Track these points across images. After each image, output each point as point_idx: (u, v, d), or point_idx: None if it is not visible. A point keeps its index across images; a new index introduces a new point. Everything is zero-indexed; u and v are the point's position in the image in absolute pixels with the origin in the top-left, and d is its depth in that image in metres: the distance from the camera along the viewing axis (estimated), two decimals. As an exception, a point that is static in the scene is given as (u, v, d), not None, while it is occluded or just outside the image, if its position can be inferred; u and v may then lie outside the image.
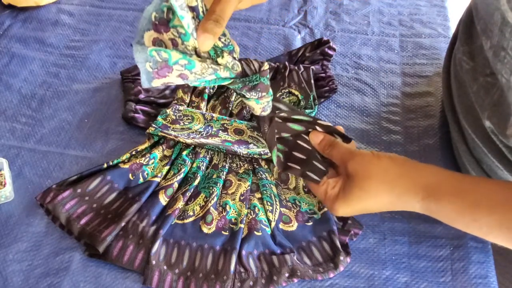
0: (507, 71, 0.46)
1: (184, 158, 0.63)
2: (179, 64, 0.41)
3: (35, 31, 0.83)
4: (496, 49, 0.48)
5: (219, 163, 0.64)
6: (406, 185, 0.46)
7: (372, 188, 0.47)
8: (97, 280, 0.55)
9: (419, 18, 0.86)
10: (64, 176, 0.63)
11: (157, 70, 0.41)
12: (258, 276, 0.54)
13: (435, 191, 0.45)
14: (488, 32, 0.49)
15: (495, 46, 0.48)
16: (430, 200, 0.45)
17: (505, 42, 0.46)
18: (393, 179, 0.47)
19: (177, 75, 0.42)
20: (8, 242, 0.57)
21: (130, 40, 0.82)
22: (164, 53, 0.40)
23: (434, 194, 0.44)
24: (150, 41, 0.41)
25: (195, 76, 0.42)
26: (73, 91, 0.74)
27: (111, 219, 0.57)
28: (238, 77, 0.46)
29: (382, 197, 0.47)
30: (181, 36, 0.40)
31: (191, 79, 0.43)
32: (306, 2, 0.89)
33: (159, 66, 0.41)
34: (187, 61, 0.41)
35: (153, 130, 0.63)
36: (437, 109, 0.72)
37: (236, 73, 0.45)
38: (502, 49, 0.46)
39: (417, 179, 0.46)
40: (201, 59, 0.42)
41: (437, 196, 0.44)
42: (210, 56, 0.43)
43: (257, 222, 0.58)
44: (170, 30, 0.40)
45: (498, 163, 0.54)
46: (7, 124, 0.70)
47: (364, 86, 0.75)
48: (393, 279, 0.55)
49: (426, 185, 0.45)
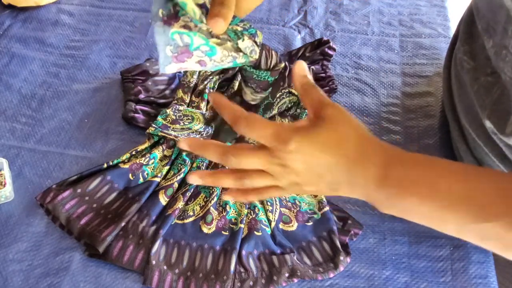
0: (509, 69, 0.46)
1: (184, 158, 0.63)
2: (200, 50, 0.40)
3: (35, 31, 0.83)
4: (498, 48, 0.48)
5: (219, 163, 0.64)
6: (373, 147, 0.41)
7: (344, 133, 0.41)
8: (97, 280, 0.55)
9: (419, 18, 0.86)
10: (64, 176, 0.63)
11: (177, 55, 0.40)
12: (258, 276, 0.54)
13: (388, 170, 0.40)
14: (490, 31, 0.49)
15: (497, 44, 0.48)
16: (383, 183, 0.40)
17: (507, 40, 0.46)
18: (367, 134, 0.42)
19: (196, 61, 0.41)
20: (8, 242, 0.57)
21: (130, 40, 0.82)
22: (186, 37, 0.39)
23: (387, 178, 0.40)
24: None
25: (214, 63, 0.41)
26: (73, 91, 0.74)
27: (111, 219, 0.57)
28: (251, 65, 0.45)
29: (349, 145, 0.40)
30: (193, 20, 0.39)
31: (209, 66, 0.42)
32: (306, 2, 0.89)
33: (180, 50, 0.40)
34: (209, 48, 0.40)
35: (153, 130, 0.63)
36: (437, 109, 0.72)
37: (252, 60, 0.44)
38: (504, 47, 0.46)
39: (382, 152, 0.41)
40: (222, 46, 0.41)
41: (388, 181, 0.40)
42: (231, 38, 0.42)
43: (257, 222, 0.58)
44: (180, 19, 0.39)
45: (499, 163, 0.54)
46: (7, 124, 0.70)
47: (364, 86, 0.75)
48: (393, 279, 0.55)
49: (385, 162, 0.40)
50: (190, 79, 0.72)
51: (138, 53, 0.80)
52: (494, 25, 0.48)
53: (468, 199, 0.38)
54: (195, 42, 0.39)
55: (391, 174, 0.40)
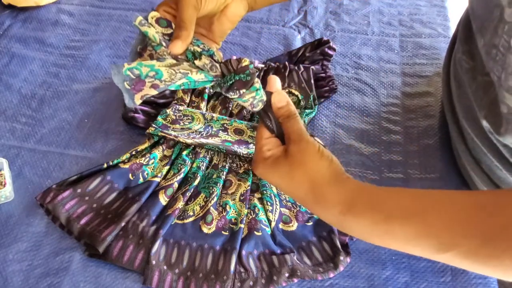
0: (498, 68, 0.46)
1: (184, 158, 0.63)
2: (149, 76, 0.45)
3: (35, 31, 0.83)
4: (488, 47, 0.48)
5: (219, 163, 0.64)
6: (328, 194, 0.44)
7: (298, 177, 0.45)
8: (97, 280, 0.55)
9: (419, 18, 0.86)
10: (64, 176, 0.63)
11: (134, 86, 0.46)
12: (258, 276, 0.54)
13: (351, 206, 0.42)
14: (482, 30, 0.49)
15: (487, 44, 0.48)
16: (346, 216, 0.42)
17: (497, 39, 0.46)
18: (320, 183, 0.45)
19: (149, 86, 0.46)
20: (8, 242, 0.57)
21: (130, 40, 0.82)
22: (135, 70, 0.45)
23: (351, 209, 0.42)
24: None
25: (165, 83, 0.46)
26: (73, 91, 0.74)
27: (111, 219, 0.57)
28: (218, 79, 0.48)
29: (300, 189, 0.45)
30: (154, 47, 0.47)
31: (162, 86, 0.46)
32: (306, 2, 0.89)
33: (134, 82, 0.45)
34: (155, 72, 0.46)
35: (153, 130, 0.63)
36: (437, 109, 0.72)
37: (215, 75, 0.47)
38: (493, 46, 0.46)
39: (341, 193, 0.43)
40: (168, 67, 0.46)
41: (353, 211, 0.42)
42: (188, 59, 0.48)
43: (257, 222, 0.58)
44: (147, 48, 0.47)
45: (497, 162, 0.54)
46: (7, 124, 0.70)
47: (364, 86, 0.75)
48: (393, 279, 0.55)
49: (346, 201, 0.43)
50: (190, 79, 0.72)
51: (138, 53, 0.80)
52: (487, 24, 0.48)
53: (426, 233, 0.39)
54: (143, 71, 0.45)
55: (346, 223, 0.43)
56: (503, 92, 0.46)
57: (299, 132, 0.46)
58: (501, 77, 0.46)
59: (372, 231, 0.42)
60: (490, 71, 0.48)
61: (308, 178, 0.45)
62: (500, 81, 0.46)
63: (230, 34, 0.83)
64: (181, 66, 0.47)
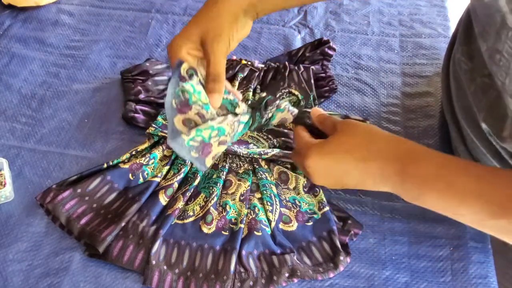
0: (502, 73, 0.46)
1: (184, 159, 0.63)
2: (213, 137, 0.48)
3: (35, 31, 0.83)
4: (492, 52, 0.48)
5: (219, 163, 0.64)
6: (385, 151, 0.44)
7: (353, 140, 0.46)
8: (97, 280, 0.55)
9: (419, 18, 0.86)
10: (64, 176, 0.63)
11: (201, 152, 0.48)
12: (258, 276, 0.54)
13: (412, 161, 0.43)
14: (484, 35, 0.49)
15: (490, 48, 0.48)
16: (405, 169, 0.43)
17: (501, 45, 0.46)
18: (374, 139, 0.46)
19: (217, 145, 0.48)
20: (8, 242, 0.57)
21: (130, 40, 0.82)
22: (197, 137, 0.47)
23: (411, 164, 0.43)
24: (181, 123, 0.47)
25: (230, 135, 0.50)
26: (73, 91, 0.74)
27: (111, 219, 0.57)
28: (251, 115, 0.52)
29: (354, 152, 0.45)
30: (204, 107, 0.47)
31: (229, 140, 0.50)
32: (306, 2, 0.89)
33: (201, 148, 0.47)
34: (217, 130, 0.48)
35: (153, 130, 0.63)
36: (437, 109, 0.72)
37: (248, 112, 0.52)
38: (497, 52, 0.46)
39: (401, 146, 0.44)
40: (224, 119, 0.49)
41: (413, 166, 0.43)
42: (229, 111, 0.50)
43: (257, 222, 0.58)
44: (192, 107, 0.47)
45: (497, 163, 0.54)
46: (7, 124, 0.70)
47: (364, 86, 0.75)
48: (393, 279, 0.55)
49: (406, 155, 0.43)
50: (190, 79, 0.72)
51: (138, 53, 0.80)
52: (489, 29, 0.48)
53: (482, 197, 0.40)
54: (205, 135, 0.47)
55: (409, 170, 0.43)
56: (508, 97, 0.46)
57: (343, 121, 0.49)
58: (505, 82, 0.46)
59: (432, 182, 0.42)
60: (494, 75, 0.48)
61: (363, 134, 0.46)
62: (504, 86, 0.46)
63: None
64: (230, 117, 0.50)
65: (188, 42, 0.51)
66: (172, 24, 0.85)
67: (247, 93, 0.69)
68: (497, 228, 0.40)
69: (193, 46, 0.51)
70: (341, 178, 0.46)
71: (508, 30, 0.44)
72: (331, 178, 0.47)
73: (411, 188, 0.43)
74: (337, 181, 0.47)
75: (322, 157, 0.46)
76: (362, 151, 0.45)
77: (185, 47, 0.51)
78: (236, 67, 0.73)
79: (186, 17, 0.86)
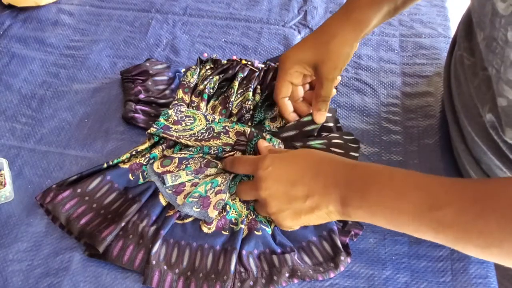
0: (498, 61, 0.46)
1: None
2: (208, 190, 0.57)
3: (35, 31, 0.83)
4: (488, 40, 0.48)
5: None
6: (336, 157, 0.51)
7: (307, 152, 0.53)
8: (97, 280, 0.55)
9: (419, 18, 0.86)
10: (64, 176, 0.63)
11: (202, 205, 0.56)
12: (258, 276, 0.54)
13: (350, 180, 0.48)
14: (481, 24, 0.50)
15: (487, 37, 0.48)
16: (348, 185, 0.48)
17: (496, 32, 0.46)
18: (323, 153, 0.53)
19: (214, 195, 0.57)
20: (8, 242, 0.57)
21: (130, 40, 0.82)
22: (195, 194, 0.56)
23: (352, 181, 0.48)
24: (182, 199, 0.58)
25: (224, 184, 0.58)
26: (73, 91, 0.74)
27: (111, 219, 0.57)
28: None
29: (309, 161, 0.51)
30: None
31: (224, 188, 0.58)
32: (306, 2, 0.89)
33: (201, 202, 0.56)
34: (211, 183, 0.57)
35: (155, 131, 0.63)
36: (437, 109, 0.72)
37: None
38: (493, 39, 0.47)
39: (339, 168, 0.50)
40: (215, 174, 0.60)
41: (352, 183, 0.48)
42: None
43: (257, 222, 0.58)
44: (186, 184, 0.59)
45: (497, 161, 0.54)
46: (7, 124, 0.70)
47: (364, 86, 0.75)
48: (393, 279, 0.55)
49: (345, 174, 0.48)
50: (190, 79, 0.72)
51: (138, 53, 0.80)
52: (484, 18, 0.48)
53: (422, 188, 0.43)
54: (201, 190, 0.57)
55: (354, 172, 0.48)
56: (503, 85, 0.46)
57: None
58: (500, 70, 0.46)
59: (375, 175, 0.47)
60: (489, 64, 0.48)
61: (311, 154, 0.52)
62: (499, 74, 0.46)
63: (230, 34, 0.83)
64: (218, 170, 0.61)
65: (301, 62, 0.60)
66: (172, 24, 0.85)
67: (247, 93, 0.69)
68: (434, 223, 0.41)
69: (304, 66, 0.60)
70: (294, 181, 0.50)
71: (500, 17, 0.44)
72: (283, 183, 0.50)
73: (356, 188, 0.47)
74: (288, 187, 0.50)
75: (281, 158, 0.52)
76: (311, 164, 0.51)
77: (298, 64, 0.60)
78: (236, 67, 0.73)
79: (186, 17, 0.86)
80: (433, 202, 0.41)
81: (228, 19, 0.86)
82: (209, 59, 0.75)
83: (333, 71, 0.58)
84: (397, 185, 0.45)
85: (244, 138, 0.61)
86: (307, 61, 0.59)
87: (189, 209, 0.55)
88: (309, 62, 0.59)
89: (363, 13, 0.59)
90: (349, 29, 0.59)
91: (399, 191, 0.44)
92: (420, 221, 0.43)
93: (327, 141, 0.64)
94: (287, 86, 0.63)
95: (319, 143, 0.63)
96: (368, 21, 0.59)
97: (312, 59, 0.59)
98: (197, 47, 0.81)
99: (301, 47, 0.61)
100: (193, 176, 0.58)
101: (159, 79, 0.72)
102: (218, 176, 0.58)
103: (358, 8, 0.59)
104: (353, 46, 0.60)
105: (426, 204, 0.42)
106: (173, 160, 0.60)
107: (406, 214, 0.43)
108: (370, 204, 0.46)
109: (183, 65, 0.77)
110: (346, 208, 0.47)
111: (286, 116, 0.65)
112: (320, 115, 0.60)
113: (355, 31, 0.59)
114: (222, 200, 0.57)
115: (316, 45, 0.60)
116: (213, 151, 0.62)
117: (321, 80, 0.58)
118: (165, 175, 0.58)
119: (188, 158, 0.61)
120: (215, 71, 0.72)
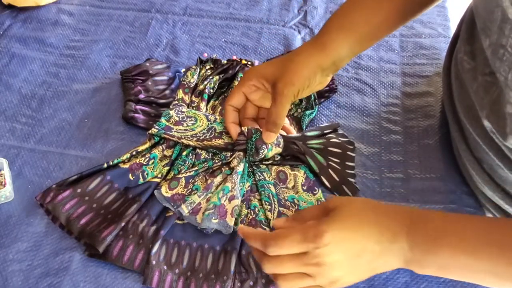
0: (505, 68, 0.46)
1: (184, 159, 0.63)
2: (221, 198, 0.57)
3: (35, 31, 0.83)
4: (495, 47, 0.48)
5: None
6: (392, 211, 0.47)
7: (359, 211, 0.46)
8: (97, 280, 0.55)
9: (419, 18, 0.86)
10: (64, 176, 0.63)
11: (219, 215, 0.56)
12: (258, 276, 0.54)
13: (414, 225, 0.45)
14: (486, 31, 0.49)
15: (494, 44, 0.48)
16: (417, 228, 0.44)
17: (504, 39, 0.46)
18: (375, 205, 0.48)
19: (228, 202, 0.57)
20: (8, 242, 0.57)
21: (130, 40, 0.82)
22: (210, 205, 0.56)
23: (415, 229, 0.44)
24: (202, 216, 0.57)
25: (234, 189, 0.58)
26: (73, 91, 0.74)
27: (111, 219, 0.57)
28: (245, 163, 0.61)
29: (369, 220, 0.45)
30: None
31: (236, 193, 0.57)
32: (306, 2, 0.89)
33: (217, 212, 0.56)
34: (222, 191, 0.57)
35: (156, 131, 0.63)
36: (437, 109, 0.72)
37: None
38: (501, 46, 0.46)
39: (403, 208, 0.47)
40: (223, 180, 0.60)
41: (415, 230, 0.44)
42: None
43: (257, 222, 0.58)
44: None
45: (498, 161, 0.54)
46: (7, 124, 0.70)
47: (364, 86, 0.75)
48: (393, 279, 0.55)
49: (409, 220, 0.45)
50: (191, 80, 0.72)
51: (138, 53, 0.80)
52: (490, 24, 0.48)
53: (497, 243, 0.42)
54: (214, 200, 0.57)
55: (419, 231, 0.44)
56: (510, 92, 0.46)
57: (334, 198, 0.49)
58: (508, 77, 0.46)
59: (443, 237, 0.44)
60: (496, 71, 0.48)
61: (366, 205, 0.47)
62: (506, 81, 0.46)
63: (230, 34, 0.83)
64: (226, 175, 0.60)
65: (261, 76, 0.58)
66: (172, 24, 0.85)
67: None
68: None
69: (262, 81, 0.58)
70: (359, 253, 0.44)
71: (510, 24, 0.44)
72: (348, 259, 0.44)
73: (423, 251, 0.44)
74: (354, 261, 0.44)
75: (339, 228, 0.44)
76: (371, 222, 0.45)
77: (256, 78, 0.59)
78: (236, 67, 0.73)
79: (186, 17, 0.86)
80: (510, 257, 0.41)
81: (228, 19, 0.86)
82: (209, 59, 0.75)
83: (288, 86, 0.55)
84: (470, 244, 0.43)
85: (243, 137, 0.61)
86: (266, 76, 0.58)
87: (209, 222, 0.54)
88: (267, 78, 0.58)
89: (330, 38, 0.58)
90: (314, 51, 0.57)
91: (474, 249, 0.43)
92: (498, 276, 0.43)
93: (325, 141, 0.64)
94: (239, 96, 0.61)
95: (318, 143, 0.63)
96: (336, 47, 0.57)
97: (272, 75, 0.57)
98: (197, 47, 0.81)
99: (268, 63, 0.60)
100: (204, 195, 0.57)
101: (159, 79, 0.72)
102: (227, 182, 0.57)
103: (327, 33, 0.58)
104: (315, 71, 0.57)
105: (504, 258, 0.41)
106: (180, 181, 0.59)
107: (484, 272, 0.43)
108: (445, 268, 0.45)
109: (183, 65, 0.77)
110: (411, 267, 0.46)
111: (226, 124, 0.62)
112: (268, 136, 0.58)
113: (319, 55, 0.57)
114: (237, 206, 0.57)
115: (280, 62, 0.59)
116: (217, 160, 0.62)
117: (275, 96, 0.56)
118: (181, 208, 0.56)
119: (194, 175, 0.60)
120: (215, 71, 0.72)
